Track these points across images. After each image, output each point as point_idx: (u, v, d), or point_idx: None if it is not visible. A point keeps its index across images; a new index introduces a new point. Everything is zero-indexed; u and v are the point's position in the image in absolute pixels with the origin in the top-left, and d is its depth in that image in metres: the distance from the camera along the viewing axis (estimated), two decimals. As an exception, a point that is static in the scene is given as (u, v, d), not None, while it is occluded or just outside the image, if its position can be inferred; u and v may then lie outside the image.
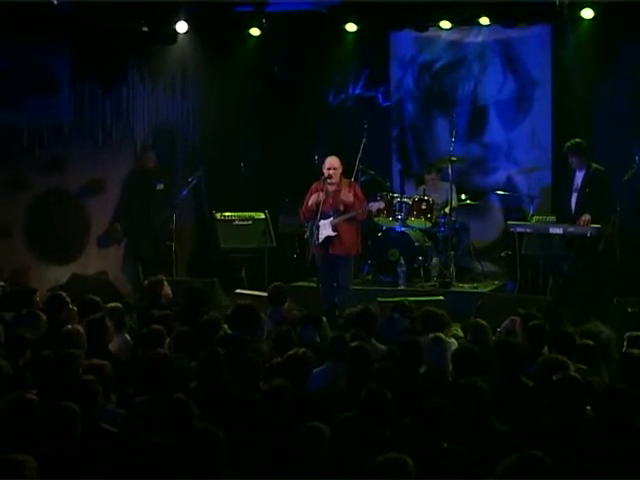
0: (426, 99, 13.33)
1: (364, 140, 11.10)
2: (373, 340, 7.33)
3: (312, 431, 5.06)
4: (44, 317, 7.62)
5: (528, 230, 11.16)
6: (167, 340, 7.15)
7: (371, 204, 10.52)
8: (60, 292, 8.55)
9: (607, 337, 7.23)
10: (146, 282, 9.55)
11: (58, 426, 5.20)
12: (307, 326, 7.70)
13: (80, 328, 7.29)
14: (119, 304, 8.16)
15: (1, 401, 5.75)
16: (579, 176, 10.83)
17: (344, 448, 5.11)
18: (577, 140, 10.79)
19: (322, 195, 10.21)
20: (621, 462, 4.88)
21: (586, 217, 10.61)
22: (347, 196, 10.26)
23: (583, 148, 10.76)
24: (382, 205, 10.95)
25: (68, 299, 8.12)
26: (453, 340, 7.72)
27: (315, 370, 6.59)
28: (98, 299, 8.26)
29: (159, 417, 5.45)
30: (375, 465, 4.44)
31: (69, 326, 7.35)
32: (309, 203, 10.38)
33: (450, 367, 6.64)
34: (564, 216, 10.97)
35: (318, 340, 7.51)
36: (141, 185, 12.45)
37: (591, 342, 6.80)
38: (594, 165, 10.79)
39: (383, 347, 7.18)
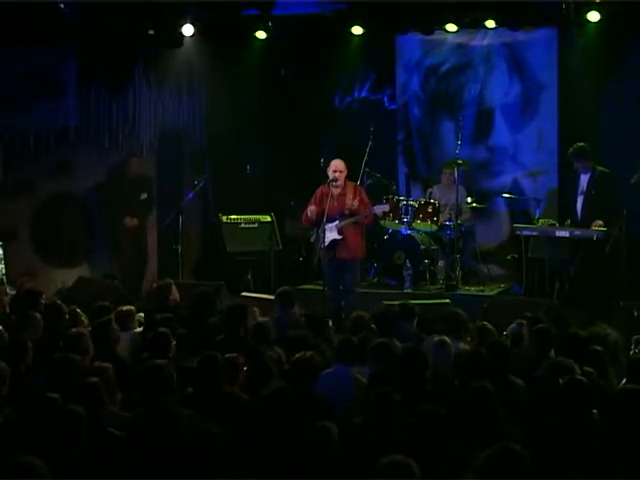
0: (432, 102, 13.30)
1: (370, 143, 11.09)
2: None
3: (319, 431, 5.06)
4: (39, 318, 7.57)
5: (534, 233, 11.15)
6: (173, 343, 7.14)
7: (377, 207, 10.47)
8: (56, 301, 8.51)
9: (614, 340, 7.23)
10: (154, 285, 9.55)
11: (63, 429, 5.17)
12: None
13: (84, 331, 7.29)
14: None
15: (8, 404, 5.77)
16: (584, 179, 10.78)
17: (354, 451, 5.11)
18: (579, 144, 10.74)
19: (317, 208, 10.14)
20: (628, 466, 4.87)
21: (597, 223, 10.57)
22: (352, 200, 10.24)
23: (586, 152, 10.70)
24: (387, 208, 10.84)
25: (65, 308, 8.09)
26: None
27: (323, 373, 6.59)
28: (108, 304, 8.27)
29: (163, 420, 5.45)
30: (379, 467, 4.43)
31: (73, 329, 7.34)
32: (308, 214, 10.36)
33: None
34: (570, 220, 10.93)
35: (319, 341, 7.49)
36: (123, 191, 12.34)
37: (598, 346, 6.79)
38: (599, 168, 10.75)
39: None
